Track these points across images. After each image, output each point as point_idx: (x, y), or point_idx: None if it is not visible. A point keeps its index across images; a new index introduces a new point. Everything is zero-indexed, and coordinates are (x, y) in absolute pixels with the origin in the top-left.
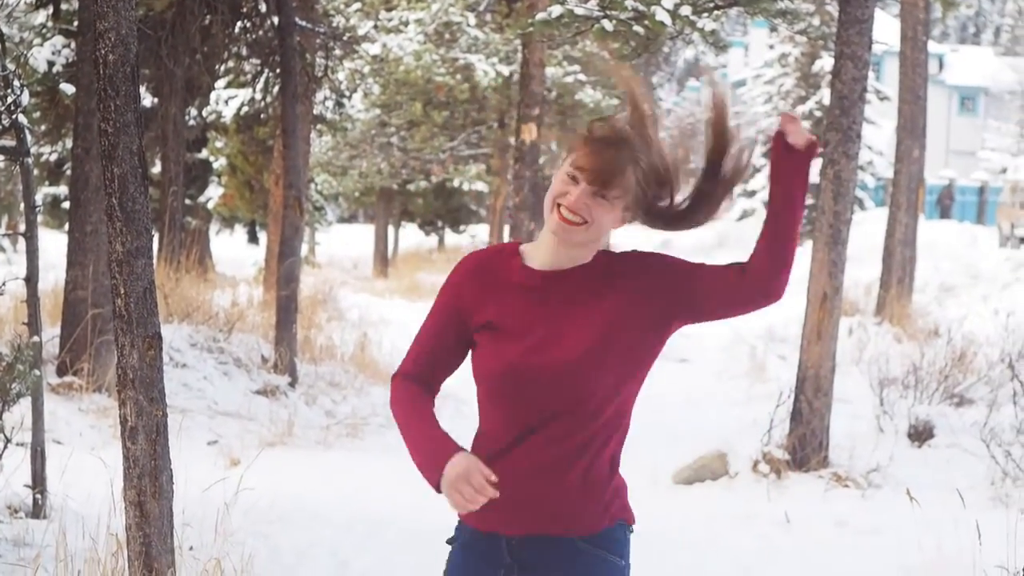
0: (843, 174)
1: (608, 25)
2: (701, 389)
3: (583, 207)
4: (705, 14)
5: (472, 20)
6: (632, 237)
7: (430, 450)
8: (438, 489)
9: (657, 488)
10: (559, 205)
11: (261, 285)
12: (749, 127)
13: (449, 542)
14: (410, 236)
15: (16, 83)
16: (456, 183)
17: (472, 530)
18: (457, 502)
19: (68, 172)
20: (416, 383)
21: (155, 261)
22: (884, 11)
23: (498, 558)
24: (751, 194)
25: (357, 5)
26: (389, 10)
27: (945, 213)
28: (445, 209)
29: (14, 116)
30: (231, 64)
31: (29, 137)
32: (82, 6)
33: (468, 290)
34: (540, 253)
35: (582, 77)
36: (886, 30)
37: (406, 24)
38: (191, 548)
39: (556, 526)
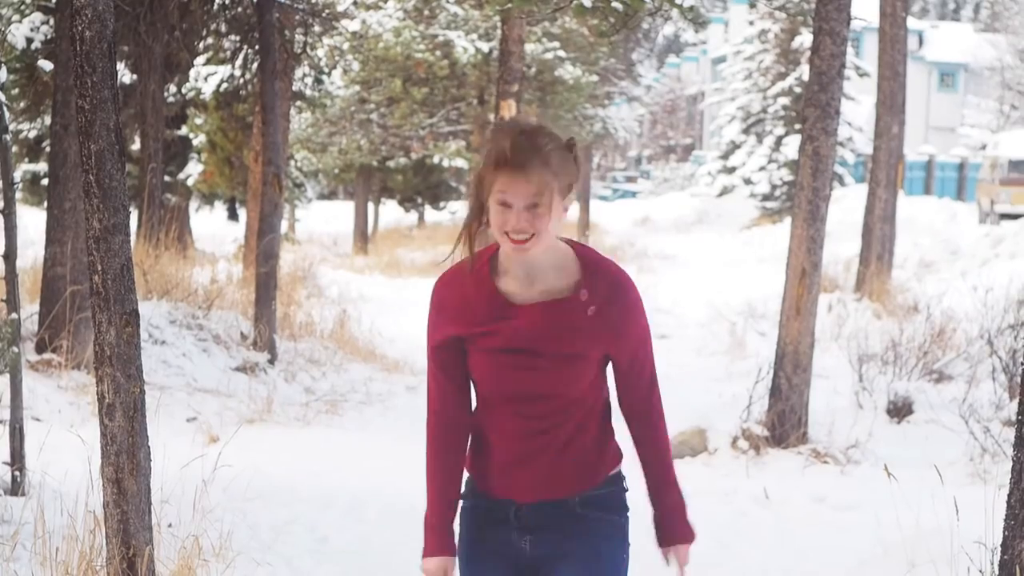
0: (822, 150)
1: (587, 1)
2: (681, 365)
3: (526, 225)
4: None
5: None
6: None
7: (435, 525)
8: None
9: (636, 464)
10: (506, 232)
11: (241, 262)
12: (729, 104)
13: (460, 497)
14: (390, 213)
15: None
16: (436, 160)
17: (481, 493)
18: None
19: (47, 149)
20: (446, 420)
21: (134, 238)
22: None
23: (507, 521)
24: (731, 171)
25: None
26: None
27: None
28: (425, 186)
29: None
30: (210, 41)
31: (8, 114)
32: None
33: (450, 322)
34: (512, 272)
35: (561, 53)
36: (865, 6)
37: (385, 1)
38: (169, 525)
39: (560, 491)
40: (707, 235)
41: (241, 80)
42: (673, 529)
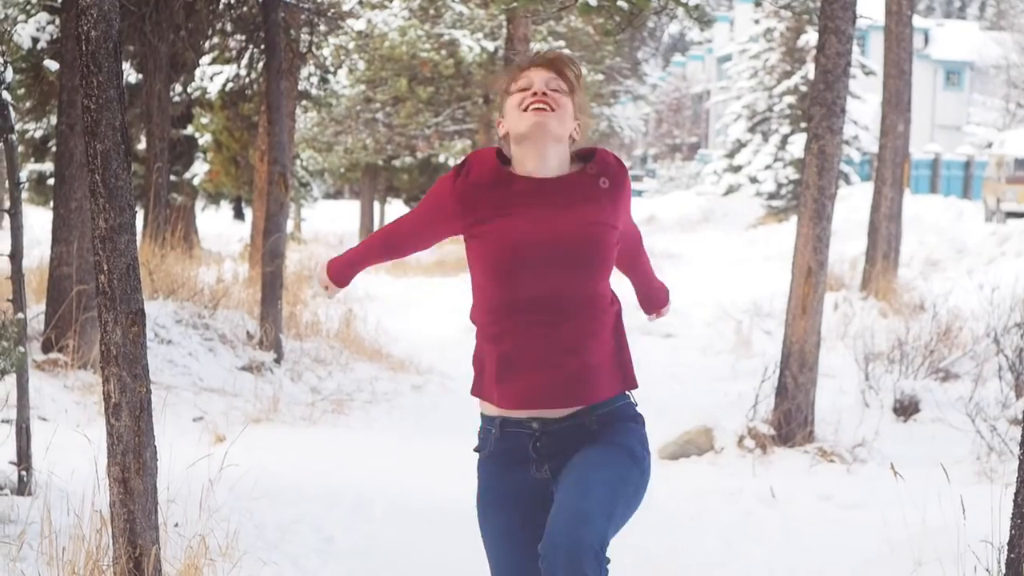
0: (827, 149)
1: (592, 0)
2: (686, 364)
3: (548, 96)
4: None
5: None
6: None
7: (330, 263)
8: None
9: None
10: (524, 109)
11: (247, 261)
12: (735, 102)
13: (476, 450)
14: (395, 212)
15: (0, 60)
16: (442, 159)
17: (496, 432)
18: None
19: (53, 149)
20: (396, 241)
21: (140, 238)
22: None
23: (525, 455)
24: (736, 169)
25: None
26: None
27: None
28: (430, 185)
29: None
30: (216, 40)
31: (13, 114)
32: None
33: (451, 202)
34: (526, 162)
35: (567, 52)
36: (871, 4)
37: (391, 0)
38: (176, 524)
39: (579, 398)
40: (713, 234)
41: (247, 79)
42: (659, 298)
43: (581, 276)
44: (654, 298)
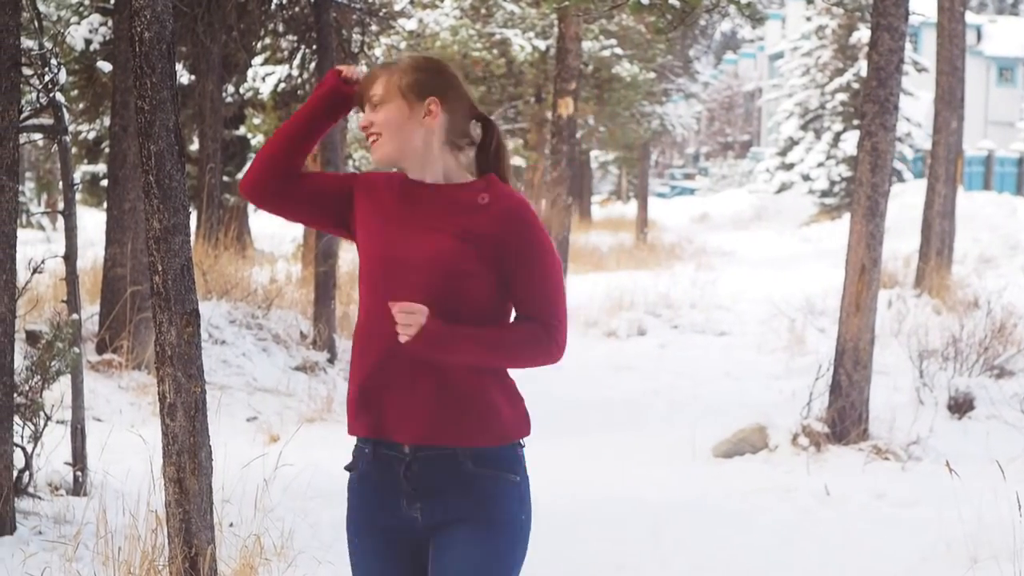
0: (880, 146)
1: None
2: (740, 362)
3: (369, 125)
4: None
5: None
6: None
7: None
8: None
9: (697, 461)
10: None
11: (299, 262)
12: (787, 100)
13: (348, 468)
14: None
15: (53, 61)
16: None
17: (369, 454)
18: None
19: (106, 150)
20: (287, 166)
21: (193, 238)
22: None
23: (396, 485)
24: (789, 167)
25: None
26: None
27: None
28: None
29: (52, 94)
30: (268, 41)
31: (67, 115)
32: None
33: (360, 187)
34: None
35: (619, 51)
36: (923, 1)
37: (442, 0)
38: (231, 524)
39: (444, 435)
40: (766, 232)
41: (299, 80)
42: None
43: (443, 301)
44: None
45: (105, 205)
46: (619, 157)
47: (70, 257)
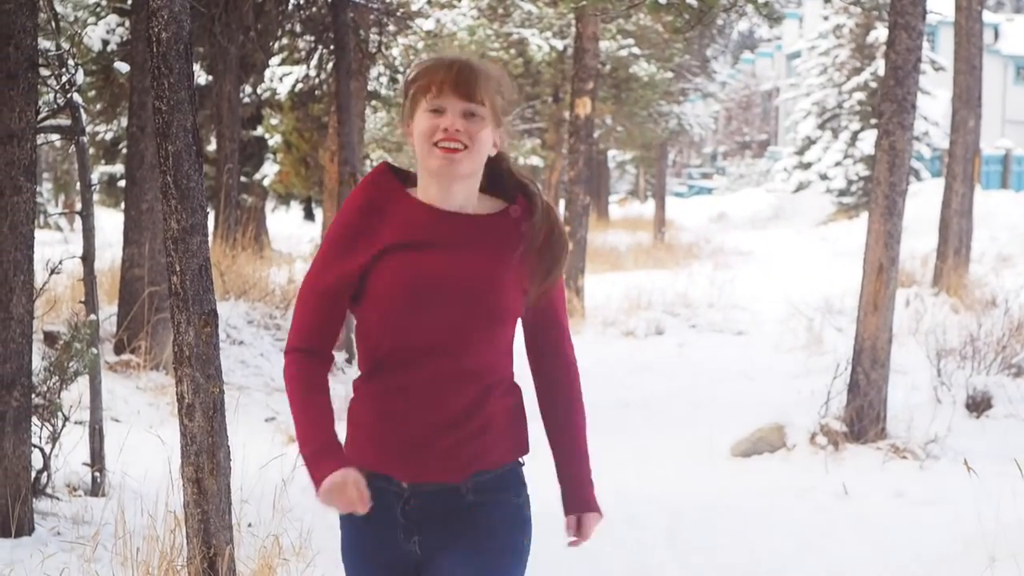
0: (898, 145)
1: None
2: (758, 362)
3: (460, 131)
4: None
5: None
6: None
7: (317, 451)
8: (318, 489)
9: (715, 461)
10: (435, 144)
11: None
12: (804, 99)
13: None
14: None
15: (71, 62)
16: (511, 158)
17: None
18: (335, 505)
19: (123, 150)
20: (311, 357)
21: (211, 239)
22: None
23: (392, 520)
24: (806, 166)
25: None
26: None
27: None
28: None
29: (69, 95)
30: (285, 41)
31: (84, 116)
32: None
33: (360, 232)
34: (431, 192)
35: (636, 50)
36: (941, 0)
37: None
38: (249, 525)
39: (447, 473)
40: (783, 231)
41: (316, 80)
42: (584, 495)
43: (483, 328)
44: (576, 485)
45: (123, 206)
46: (637, 157)
47: (88, 258)
